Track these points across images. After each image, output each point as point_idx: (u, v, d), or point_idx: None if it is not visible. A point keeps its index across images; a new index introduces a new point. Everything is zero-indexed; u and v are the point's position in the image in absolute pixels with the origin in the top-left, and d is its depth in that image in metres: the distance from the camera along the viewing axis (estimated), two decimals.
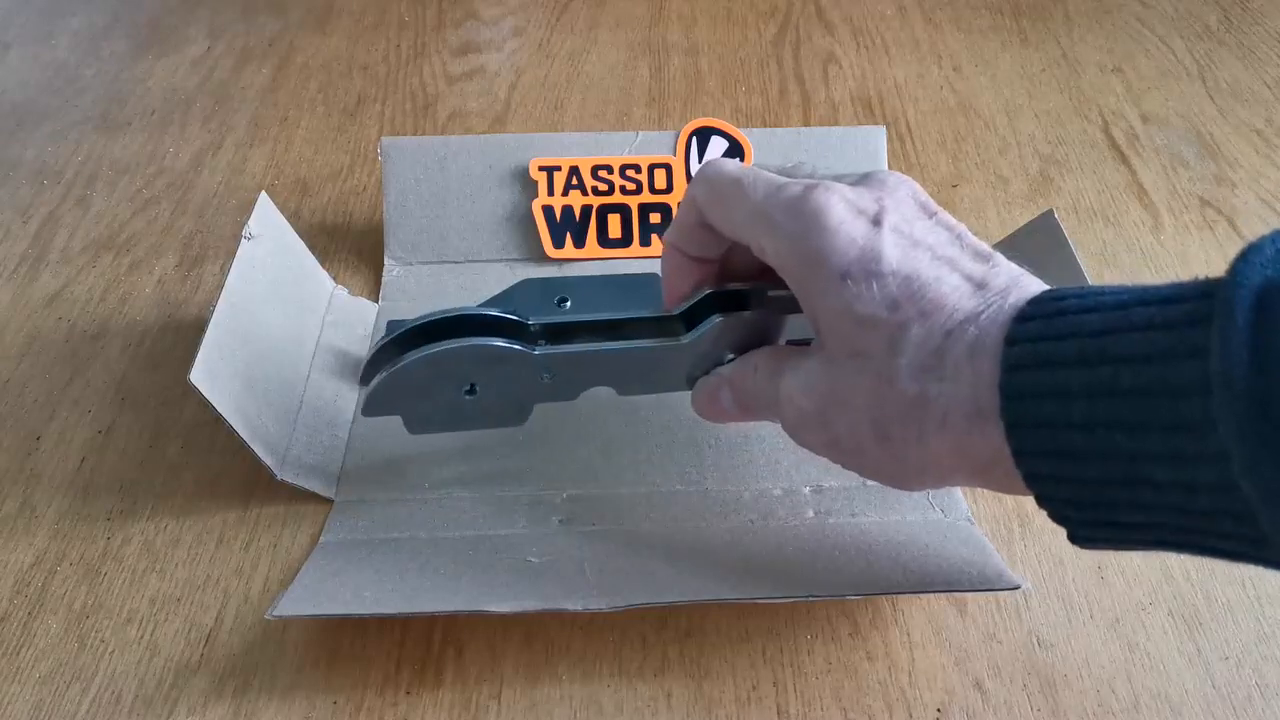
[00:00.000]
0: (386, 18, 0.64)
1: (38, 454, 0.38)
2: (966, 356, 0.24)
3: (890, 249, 0.26)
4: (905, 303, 0.26)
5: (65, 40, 0.62)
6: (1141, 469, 0.21)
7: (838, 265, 0.26)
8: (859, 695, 0.31)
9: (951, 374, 0.24)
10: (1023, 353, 0.23)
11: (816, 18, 0.63)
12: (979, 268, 0.26)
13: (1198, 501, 0.21)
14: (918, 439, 0.25)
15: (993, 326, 0.24)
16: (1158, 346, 0.21)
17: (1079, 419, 0.22)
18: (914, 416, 0.25)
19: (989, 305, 0.25)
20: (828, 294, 0.27)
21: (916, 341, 0.25)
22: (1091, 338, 0.22)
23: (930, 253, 0.26)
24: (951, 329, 0.25)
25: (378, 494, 0.36)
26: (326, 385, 0.39)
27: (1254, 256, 0.20)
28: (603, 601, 0.30)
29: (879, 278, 0.26)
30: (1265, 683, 0.31)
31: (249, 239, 0.37)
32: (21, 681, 0.31)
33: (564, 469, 0.37)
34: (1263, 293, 0.19)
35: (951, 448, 0.25)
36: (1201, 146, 0.53)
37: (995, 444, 0.24)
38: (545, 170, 0.45)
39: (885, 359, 0.26)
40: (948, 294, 0.25)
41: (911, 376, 0.25)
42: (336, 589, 0.31)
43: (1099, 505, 0.23)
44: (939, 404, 0.25)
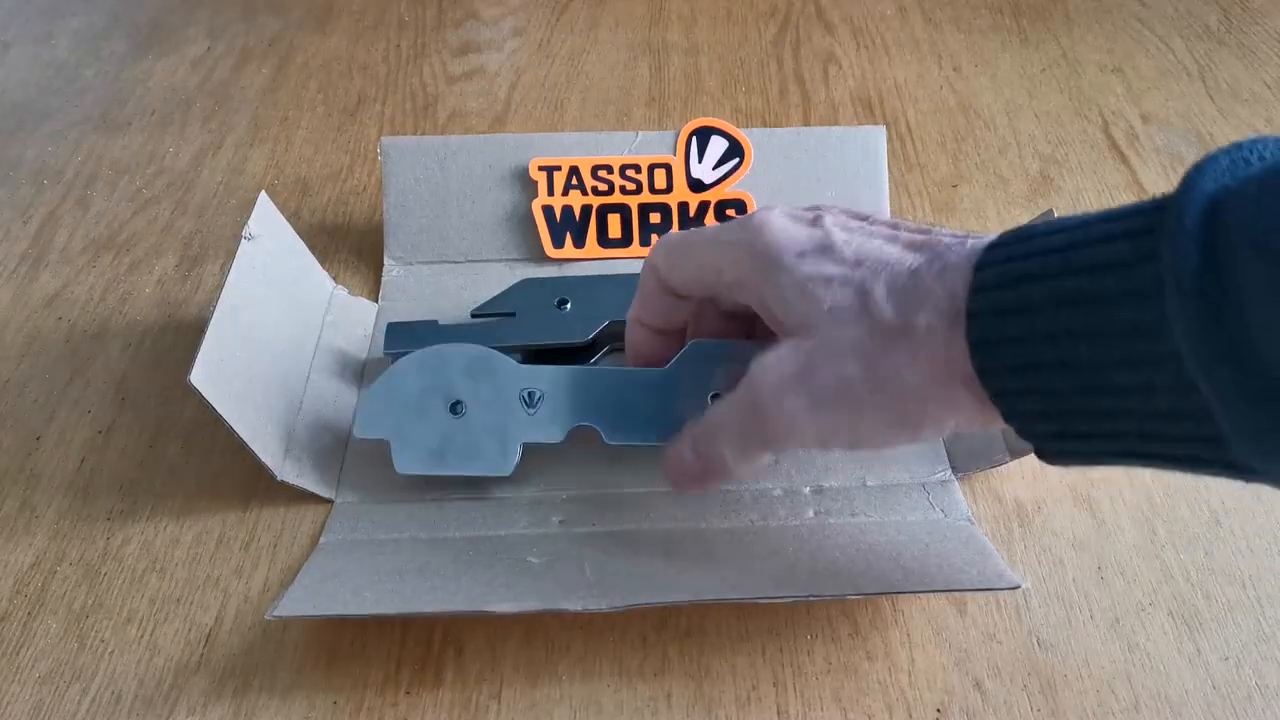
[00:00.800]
0: (386, 18, 0.64)
1: (38, 454, 0.38)
2: (938, 282, 0.25)
3: (836, 234, 0.28)
4: (865, 262, 0.27)
5: (65, 40, 0.62)
6: (1103, 375, 0.22)
7: (793, 249, 0.28)
8: (859, 695, 0.31)
9: (926, 294, 0.26)
10: (990, 275, 0.24)
11: (816, 18, 0.63)
12: (921, 236, 0.28)
13: (1158, 403, 0.21)
14: (910, 359, 0.26)
15: (958, 258, 0.26)
16: (1115, 255, 0.22)
17: (1042, 331, 0.23)
18: (899, 338, 0.26)
19: (949, 249, 0.26)
20: (789, 272, 0.28)
21: (887, 283, 0.26)
22: (1054, 254, 0.23)
23: (870, 233, 0.28)
24: (916, 267, 0.26)
25: (378, 495, 0.36)
26: (326, 385, 0.39)
27: (1208, 167, 0.21)
28: (603, 601, 0.30)
29: (833, 249, 0.28)
30: (1265, 683, 0.31)
31: (249, 239, 0.37)
32: (21, 681, 0.31)
33: (564, 469, 0.37)
34: (1214, 199, 0.20)
35: (941, 364, 0.25)
36: (1201, 146, 0.53)
37: None
38: (545, 170, 0.45)
39: (861, 303, 0.27)
40: (901, 255, 0.27)
41: (894, 310, 0.26)
42: (336, 589, 0.31)
43: (1064, 415, 0.24)
44: (921, 319, 0.26)
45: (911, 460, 0.37)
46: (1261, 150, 0.21)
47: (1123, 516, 0.36)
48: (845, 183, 0.45)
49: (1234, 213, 0.20)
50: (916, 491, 0.36)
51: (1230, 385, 0.19)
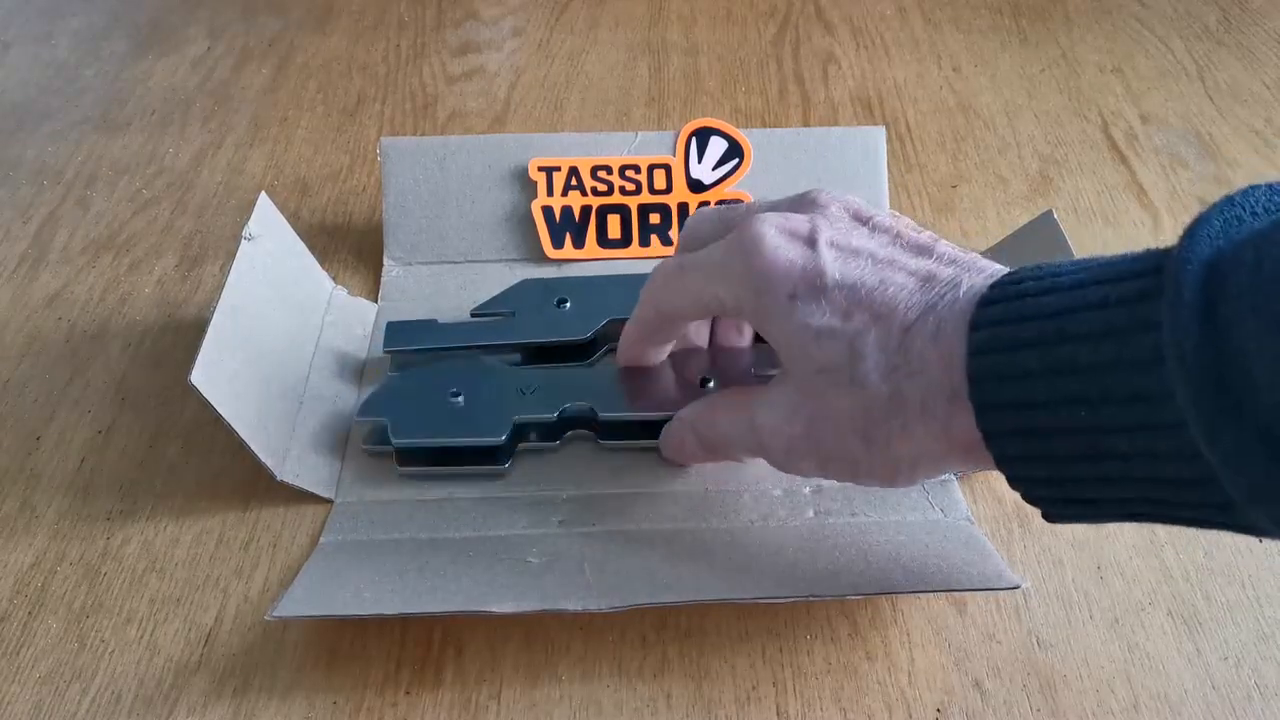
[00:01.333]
0: (386, 18, 0.64)
1: (37, 454, 0.38)
2: (932, 345, 0.25)
3: (830, 264, 0.27)
4: (856, 310, 0.26)
5: (65, 40, 0.62)
6: (1106, 442, 0.22)
7: (784, 288, 0.27)
8: (858, 695, 0.31)
9: (919, 365, 0.25)
10: (986, 337, 0.24)
11: (816, 18, 0.63)
12: (922, 263, 0.27)
13: (1163, 470, 0.21)
14: (901, 432, 0.26)
15: (951, 314, 0.25)
16: (1112, 323, 0.22)
17: (1042, 398, 0.23)
18: (894, 412, 0.26)
19: (942, 297, 0.26)
20: (781, 317, 0.28)
21: (878, 344, 0.26)
22: (1050, 319, 0.23)
23: (870, 259, 0.27)
24: (909, 325, 0.26)
25: (378, 495, 0.36)
26: (326, 385, 0.39)
27: (1202, 230, 0.21)
28: (602, 602, 0.30)
29: (825, 292, 0.27)
30: (1265, 683, 0.31)
31: (249, 239, 0.37)
32: (21, 681, 0.31)
33: (563, 469, 0.37)
34: (1211, 264, 0.20)
35: (937, 433, 0.26)
36: (1201, 147, 0.53)
37: (974, 425, 0.24)
38: (545, 170, 0.45)
39: (852, 366, 0.26)
40: (896, 294, 0.26)
41: (882, 377, 0.26)
42: (336, 589, 0.31)
43: (1068, 482, 0.24)
44: (915, 395, 0.25)
45: None
46: (1253, 204, 0.21)
47: None
48: (845, 183, 0.45)
49: (1232, 279, 0.19)
50: (916, 491, 0.36)
51: (1236, 453, 0.19)
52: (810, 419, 0.28)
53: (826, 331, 0.27)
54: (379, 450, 0.37)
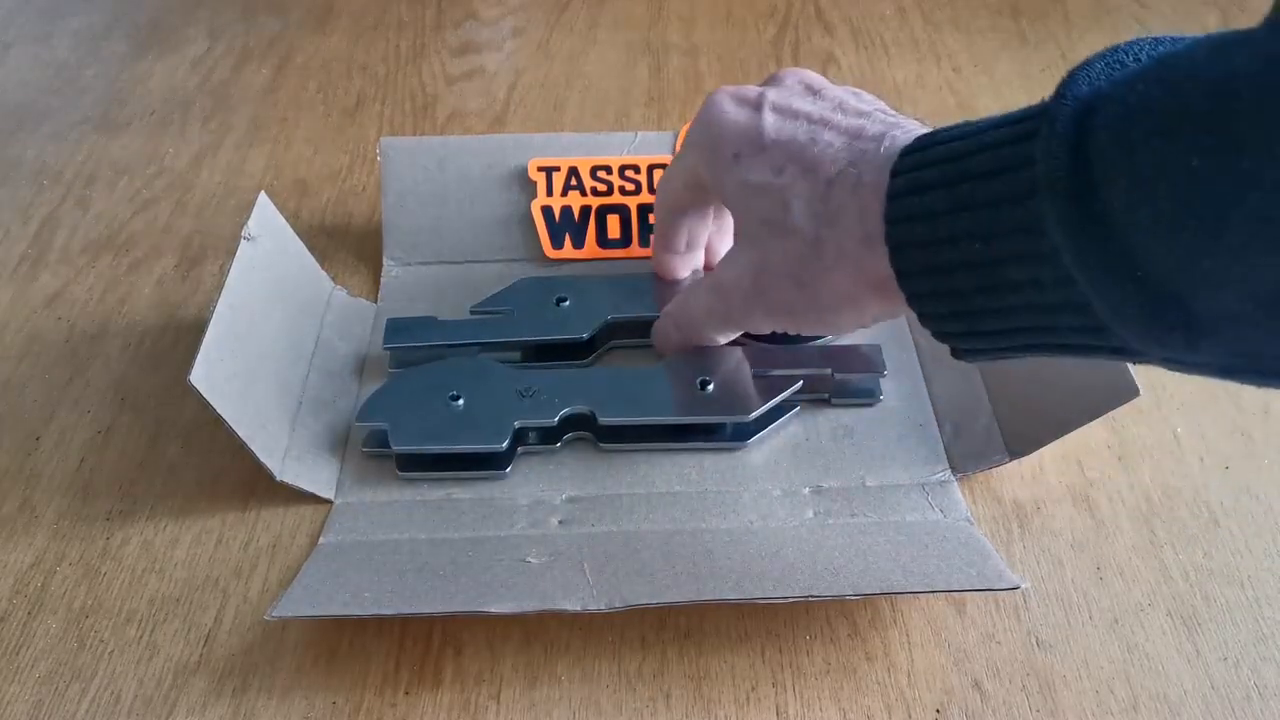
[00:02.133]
0: (386, 18, 0.64)
1: (37, 454, 0.38)
2: (851, 195, 0.28)
3: (769, 125, 0.31)
4: (788, 166, 0.30)
5: (65, 40, 0.62)
6: (998, 273, 0.24)
7: (730, 148, 0.31)
8: (858, 696, 0.31)
9: (839, 213, 0.28)
10: (903, 183, 0.26)
11: (816, 18, 0.63)
12: (855, 122, 0.30)
13: (1046, 297, 0.23)
14: (824, 275, 0.29)
15: (870, 167, 0.28)
16: (1001, 161, 0.24)
17: (944, 234, 0.25)
18: (816, 254, 0.29)
19: (864, 152, 0.28)
20: (729, 174, 0.31)
21: (804, 195, 0.29)
22: (954, 161, 0.25)
23: (806, 120, 0.30)
24: (832, 178, 0.29)
25: (377, 495, 0.36)
26: (326, 386, 0.39)
27: (1082, 71, 0.22)
28: (601, 602, 0.30)
29: (763, 150, 0.30)
30: (1264, 683, 0.31)
31: (248, 239, 0.37)
32: (21, 681, 0.31)
33: (563, 471, 0.37)
34: (1086, 102, 0.21)
35: (853, 274, 0.28)
36: None
37: (886, 268, 0.27)
38: (544, 171, 0.45)
39: (783, 215, 0.30)
40: (823, 150, 0.29)
41: (807, 224, 0.29)
42: (336, 589, 0.31)
43: (969, 314, 0.26)
44: (832, 239, 0.28)
45: (911, 461, 0.37)
46: (1138, 52, 0.22)
47: (1121, 517, 0.36)
48: None
49: (1102, 114, 0.21)
50: (916, 492, 0.36)
51: (1102, 275, 0.21)
52: (757, 269, 0.31)
53: (762, 186, 0.30)
54: (379, 453, 0.37)
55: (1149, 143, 0.19)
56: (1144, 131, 0.20)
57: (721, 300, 0.34)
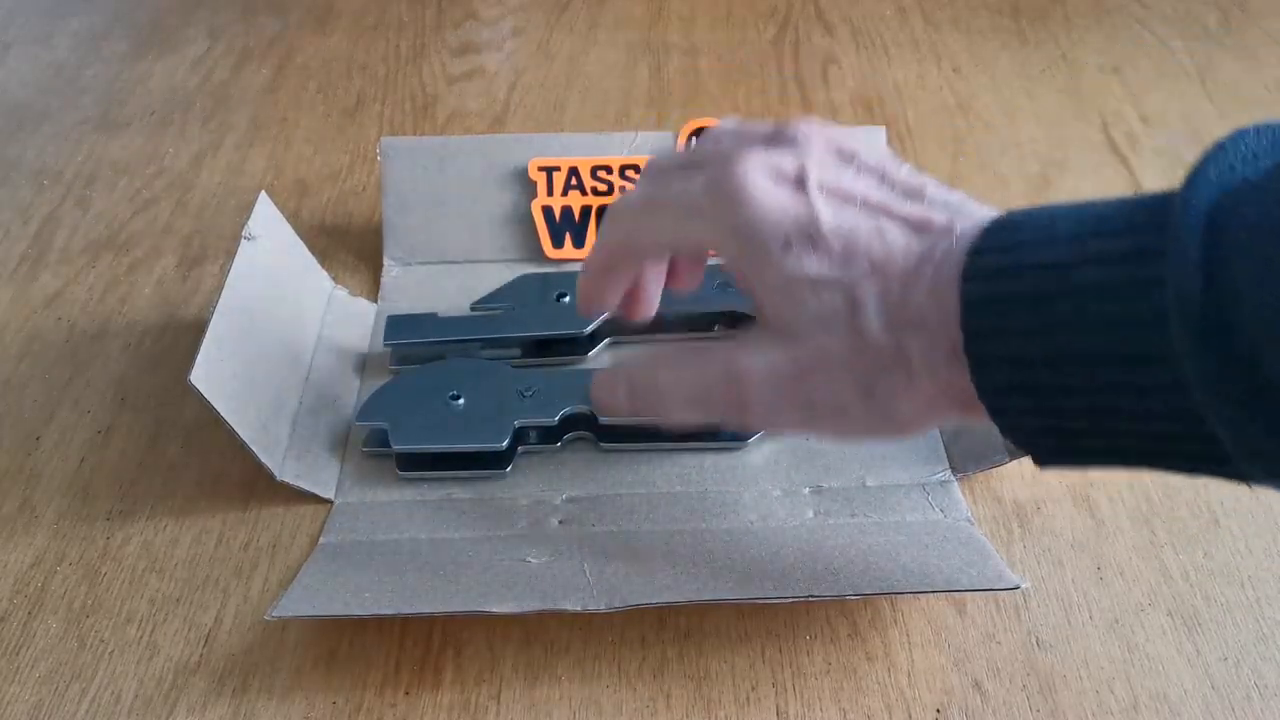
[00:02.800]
0: (386, 18, 0.64)
1: (37, 454, 0.38)
2: (931, 298, 0.24)
3: (824, 212, 0.26)
4: (852, 259, 0.25)
5: (65, 40, 0.62)
6: (1105, 400, 0.22)
7: (777, 235, 0.26)
8: (858, 696, 0.31)
9: (920, 320, 0.24)
10: (980, 289, 0.23)
11: (816, 18, 0.63)
12: (914, 209, 0.26)
13: (1162, 427, 0.21)
14: (906, 386, 0.25)
15: (947, 266, 0.24)
16: (1113, 279, 0.21)
17: (1039, 355, 0.22)
18: (898, 366, 0.25)
19: (936, 245, 0.25)
20: (775, 265, 0.26)
21: (877, 294, 0.25)
22: (1046, 271, 0.22)
23: (864, 204, 0.26)
24: (906, 279, 0.25)
25: (377, 495, 0.36)
26: (326, 386, 0.39)
27: (1199, 180, 0.20)
28: (601, 602, 0.30)
29: (821, 239, 0.26)
30: (1264, 683, 0.31)
31: (249, 239, 0.37)
32: (21, 681, 0.31)
33: (563, 470, 0.37)
34: (1210, 218, 0.19)
35: (941, 389, 0.25)
36: (1200, 147, 0.52)
37: None
38: (544, 170, 0.45)
39: (852, 316, 0.25)
40: (893, 242, 0.25)
41: (883, 328, 0.25)
42: (336, 589, 0.31)
43: (1066, 433, 0.23)
44: (917, 350, 0.25)
45: (911, 461, 0.37)
46: (1244, 150, 0.21)
47: (1122, 517, 0.36)
48: None
49: (1230, 232, 0.19)
50: (916, 492, 0.36)
51: (1243, 417, 0.19)
52: (805, 367, 0.27)
53: (824, 282, 0.26)
54: (379, 453, 0.37)
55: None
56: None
57: (738, 389, 0.28)
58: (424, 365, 0.38)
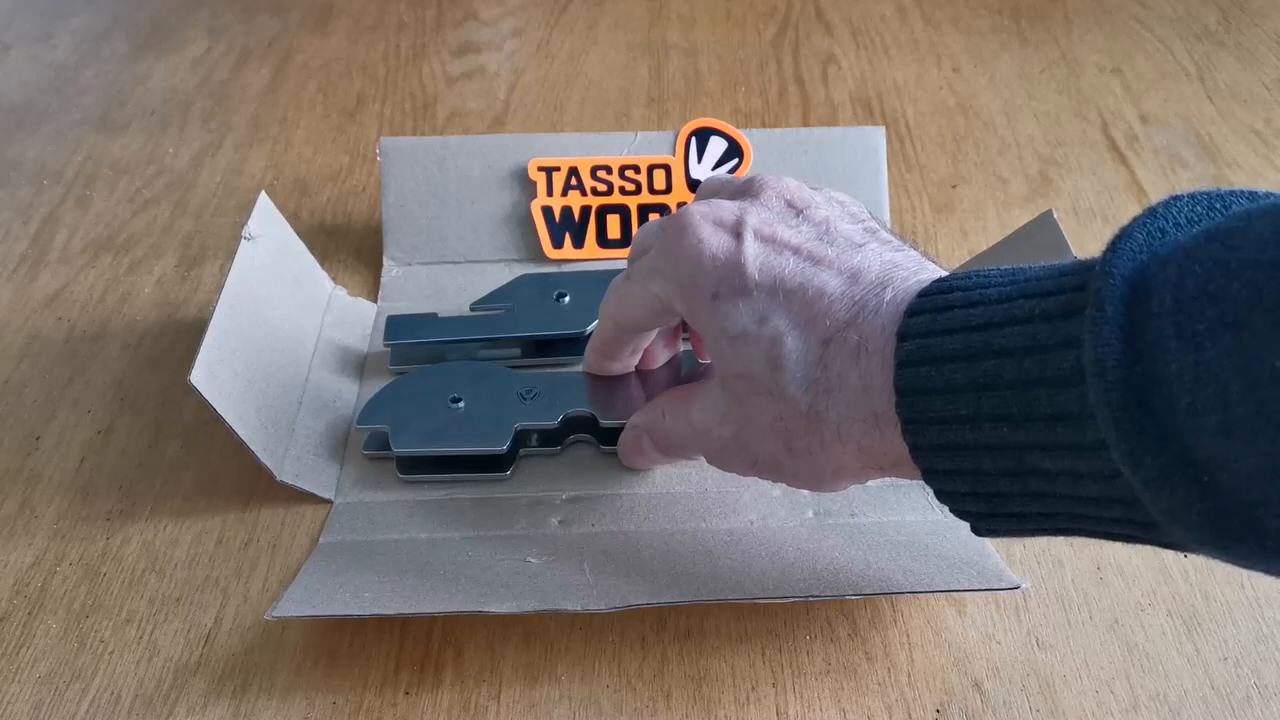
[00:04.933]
0: (386, 18, 0.64)
1: (37, 454, 0.38)
2: (852, 362, 0.24)
3: (751, 261, 0.26)
4: (774, 314, 0.25)
5: (65, 40, 0.62)
6: (1029, 460, 0.22)
7: (707, 287, 0.27)
8: (858, 696, 0.31)
9: (839, 383, 0.25)
10: (913, 349, 0.23)
11: (816, 18, 0.63)
12: (850, 260, 0.26)
13: (1086, 488, 0.21)
14: (821, 448, 0.26)
15: (873, 328, 0.24)
16: (1036, 339, 0.21)
17: (967, 412, 0.22)
18: (813, 428, 0.25)
19: (864, 306, 0.25)
20: (704, 317, 0.27)
21: (795, 355, 0.25)
22: (975, 331, 0.22)
23: (795, 255, 0.26)
24: (829, 337, 0.25)
25: (377, 496, 0.36)
26: (326, 386, 0.39)
27: (1125, 244, 0.20)
28: (601, 602, 0.30)
29: (744, 294, 0.26)
30: (1264, 683, 0.31)
31: (248, 239, 0.37)
32: (21, 681, 0.31)
33: (563, 471, 0.37)
34: (1133, 280, 0.19)
35: (855, 452, 0.25)
36: (1200, 147, 0.53)
37: (896, 444, 0.24)
38: (544, 171, 0.45)
39: (770, 376, 0.26)
40: (817, 300, 0.25)
41: (800, 390, 0.25)
42: (336, 589, 0.31)
43: (995, 497, 0.23)
44: (833, 414, 0.25)
45: None
46: (1176, 215, 0.21)
47: None
48: (844, 183, 0.45)
49: (1155, 296, 0.19)
50: (916, 491, 0.36)
51: (1158, 477, 0.19)
52: (738, 423, 0.28)
53: (743, 338, 0.26)
54: (380, 456, 0.37)
55: (1219, 338, 0.17)
56: (1211, 323, 0.17)
57: (700, 442, 0.30)
58: (424, 367, 0.38)
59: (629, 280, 0.31)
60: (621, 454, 0.35)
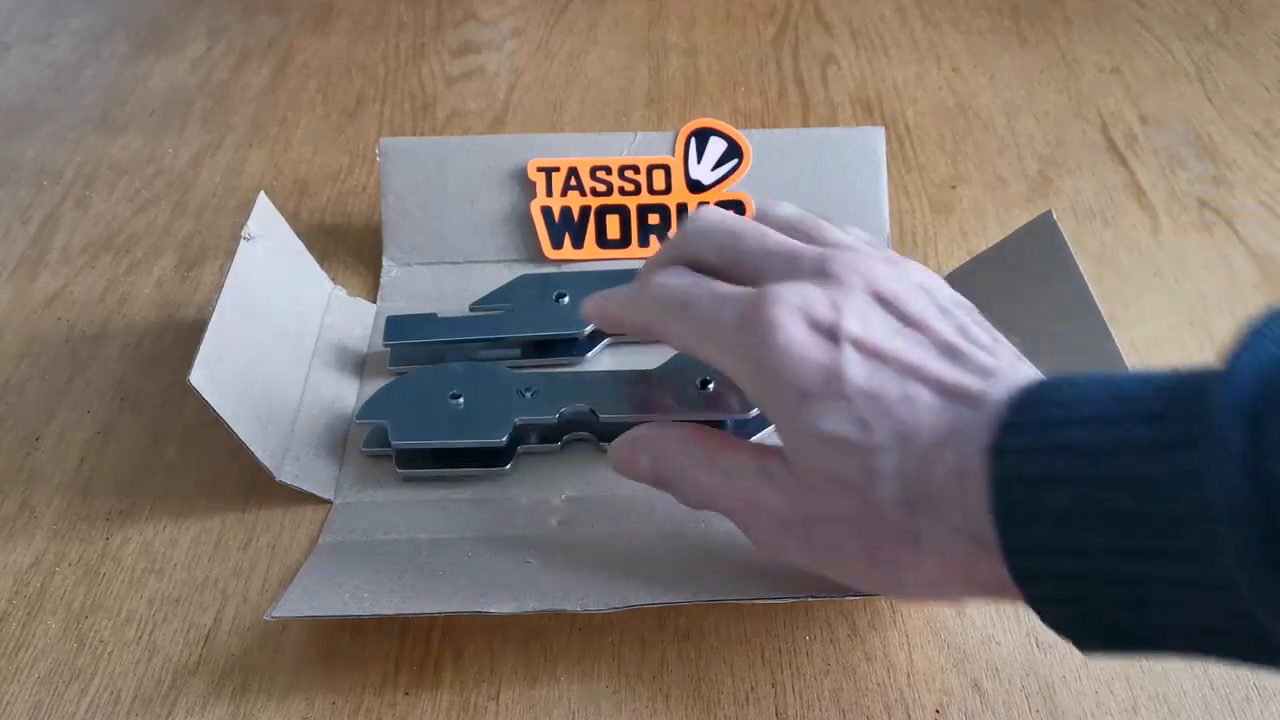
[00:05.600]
0: (386, 18, 0.64)
1: (37, 454, 0.38)
2: (955, 482, 0.23)
3: (852, 369, 0.25)
4: (875, 423, 0.24)
5: (65, 41, 0.62)
6: (1149, 593, 0.20)
7: (798, 386, 0.25)
8: (858, 696, 0.31)
9: (940, 503, 0.23)
10: (1010, 470, 0.22)
11: (815, 18, 0.63)
12: (950, 371, 0.25)
13: (1208, 620, 0.20)
14: (913, 565, 0.24)
15: (972, 448, 0.23)
16: (1150, 470, 0.20)
17: (1078, 544, 0.21)
18: (907, 543, 0.24)
19: (963, 420, 0.23)
20: (791, 415, 0.25)
21: (894, 468, 0.24)
22: (1081, 457, 0.21)
23: (897, 364, 0.25)
24: (929, 453, 0.24)
25: (376, 496, 0.36)
26: (325, 386, 0.39)
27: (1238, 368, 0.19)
28: (601, 602, 0.30)
29: (844, 399, 0.25)
30: (1263, 683, 0.31)
31: (248, 239, 0.37)
32: (20, 682, 0.31)
33: (563, 470, 0.37)
34: (1252, 409, 0.18)
35: (952, 572, 0.24)
36: (1200, 148, 0.53)
37: (999, 568, 0.23)
38: (544, 171, 0.45)
39: (865, 485, 0.24)
40: (920, 413, 0.24)
41: (897, 504, 0.24)
42: (335, 590, 0.31)
43: (1110, 628, 0.22)
44: (932, 533, 0.24)
45: None
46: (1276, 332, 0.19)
47: None
48: (844, 183, 0.45)
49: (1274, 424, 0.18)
50: None
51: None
52: (811, 520, 0.26)
53: (839, 442, 0.25)
54: (378, 453, 0.37)
55: None
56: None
57: (739, 510, 0.28)
58: (424, 367, 0.38)
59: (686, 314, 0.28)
60: (611, 457, 0.32)
